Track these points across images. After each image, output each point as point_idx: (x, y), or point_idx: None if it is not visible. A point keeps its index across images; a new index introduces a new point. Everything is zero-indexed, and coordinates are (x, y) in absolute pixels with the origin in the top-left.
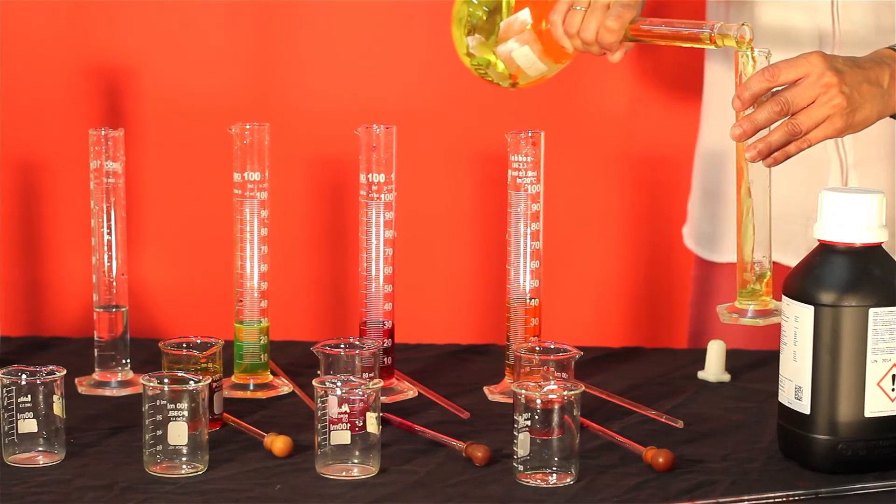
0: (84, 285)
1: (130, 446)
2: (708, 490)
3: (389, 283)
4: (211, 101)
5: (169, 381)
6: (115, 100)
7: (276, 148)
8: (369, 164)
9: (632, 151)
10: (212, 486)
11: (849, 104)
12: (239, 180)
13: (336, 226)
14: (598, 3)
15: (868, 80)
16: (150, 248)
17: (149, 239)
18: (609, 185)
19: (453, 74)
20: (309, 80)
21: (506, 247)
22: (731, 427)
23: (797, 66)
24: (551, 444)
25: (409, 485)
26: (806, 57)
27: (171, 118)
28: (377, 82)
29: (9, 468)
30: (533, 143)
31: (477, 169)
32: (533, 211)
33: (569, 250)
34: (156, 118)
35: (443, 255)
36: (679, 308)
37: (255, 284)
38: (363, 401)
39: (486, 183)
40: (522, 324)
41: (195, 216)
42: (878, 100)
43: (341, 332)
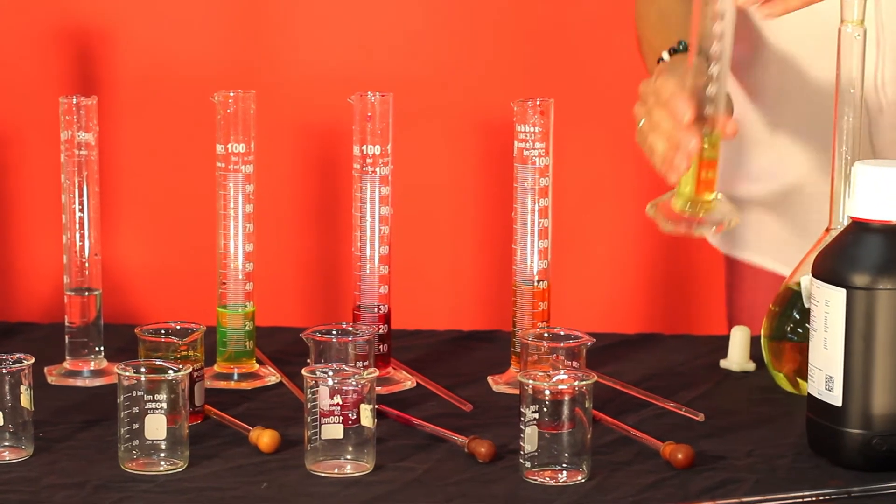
0: (54, 266)
1: (104, 441)
2: (731, 489)
3: (385, 264)
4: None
5: (146, 370)
6: (87, 65)
7: (263, 117)
8: (363, 135)
9: None
10: (193, 485)
11: None
12: (222, 152)
13: (327, 202)
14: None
15: None
16: (126, 226)
17: (124, 216)
18: (624, 157)
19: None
20: (298, 43)
21: (512, 225)
22: (756, 421)
23: None
24: (561, 438)
25: (406, 483)
26: None
27: (148, 85)
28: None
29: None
30: (541, 111)
31: (480, 140)
32: (541, 186)
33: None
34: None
35: (443, 233)
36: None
37: (239, 265)
38: (357, 392)
39: (490, 155)
40: (530, 308)
41: (175, 191)
42: None
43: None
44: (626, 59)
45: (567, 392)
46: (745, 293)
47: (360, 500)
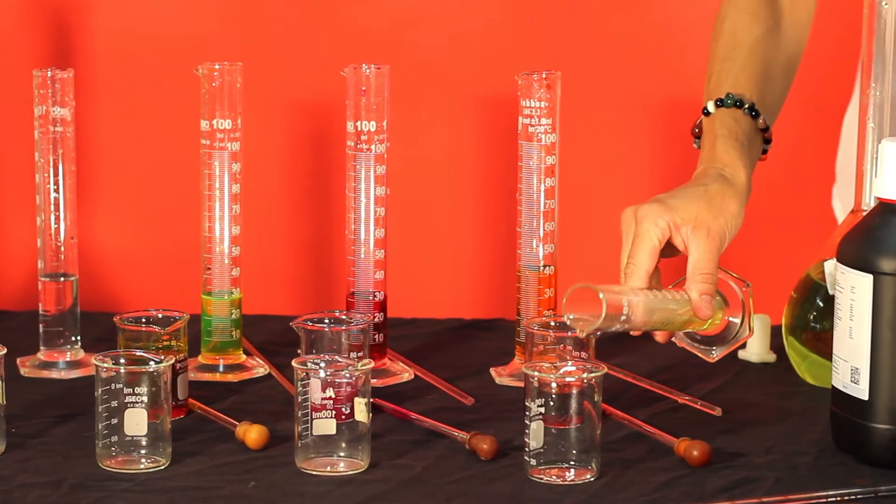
0: (27, 251)
1: (81, 437)
2: (750, 488)
3: (381, 248)
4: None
5: (126, 361)
6: (62, 35)
7: (250, 91)
8: (358, 110)
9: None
10: (175, 483)
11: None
12: (207, 129)
13: (320, 182)
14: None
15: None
16: (104, 207)
17: (102, 197)
18: (637, 134)
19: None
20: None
21: (516, 206)
22: (776, 415)
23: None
24: (569, 434)
25: (403, 481)
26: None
27: (128, 56)
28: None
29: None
30: (548, 85)
31: (482, 116)
32: (547, 165)
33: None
34: (110, 56)
35: (443, 215)
36: None
37: (225, 250)
38: (351, 384)
39: (493, 132)
40: (535, 295)
41: (156, 170)
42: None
43: (325, 305)
44: (639, 28)
45: (575, 385)
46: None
47: (353, 500)
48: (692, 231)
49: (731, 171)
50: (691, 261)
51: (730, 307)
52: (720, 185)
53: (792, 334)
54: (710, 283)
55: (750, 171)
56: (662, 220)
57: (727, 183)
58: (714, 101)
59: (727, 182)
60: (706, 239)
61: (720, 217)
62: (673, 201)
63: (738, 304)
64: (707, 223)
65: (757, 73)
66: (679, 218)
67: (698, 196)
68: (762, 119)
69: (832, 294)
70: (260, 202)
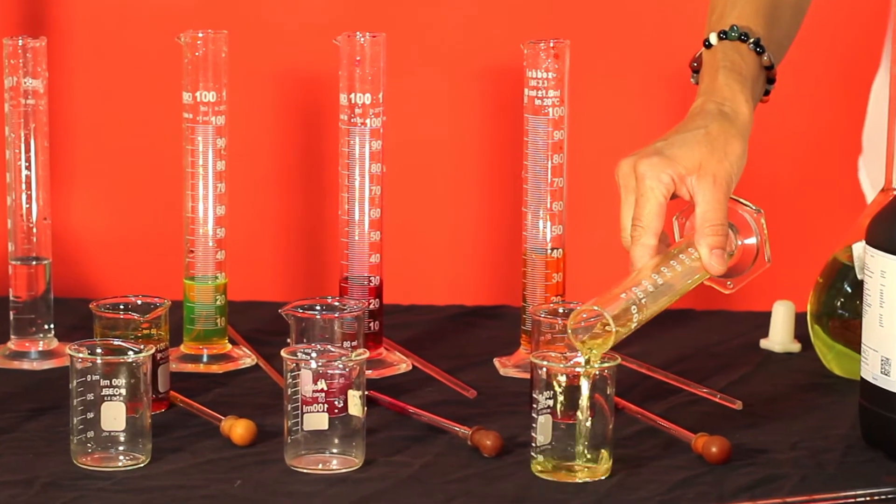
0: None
1: (55, 432)
2: (773, 487)
3: (376, 229)
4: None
5: (102, 351)
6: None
7: (236, 61)
8: (352, 82)
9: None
10: (155, 483)
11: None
12: (190, 102)
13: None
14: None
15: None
16: (80, 186)
17: (78, 175)
18: (651, 107)
19: None
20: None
21: (522, 185)
22: (801, 409)
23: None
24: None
25: (400, 480)
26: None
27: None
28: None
29: None
30: (556, 55)
31: (486, 88)
32: (555, 140)
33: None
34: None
35: (443, 195)
36: None
37: (209, 231)
38: (344, 376)
39: (497, 105)
40: (542, 280)
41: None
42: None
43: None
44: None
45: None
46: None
47: (347, 500)
48: (697, 180)
49: (731, 106)
50: (699, 212)
51: (743, 236)
52: (721, 125)
53: (818, 322)
54: (720, 234)
55: (752, 106)
56: (666, 175)
57: (728, 120)
58: (717, 33)
59: (728, 119)
60: (713, 187)
61: (725, 161)
62: (673, 151)
63: (750, 232)
64: (712, 169)
65: (764, 8)
66: (682, 168)
67: (699, 140)
68: (767, 56)
69: (861, 279)
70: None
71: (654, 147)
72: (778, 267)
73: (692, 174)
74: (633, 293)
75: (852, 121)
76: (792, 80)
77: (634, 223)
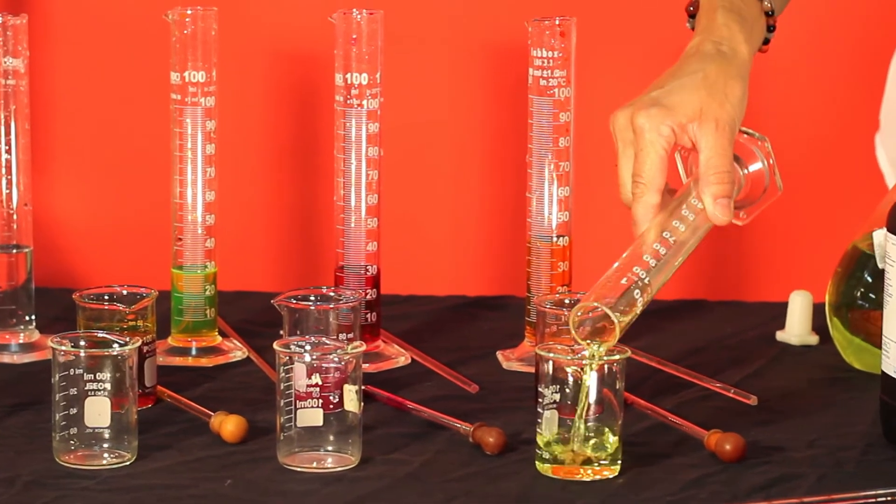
0: None
1: (36, 429)
2: (789, 486)
3: (374, 216)
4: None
5: (86, 343)
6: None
7: (227, 40)
8: (348, 61)
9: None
10: (142, 482)
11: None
12: (178, 82)
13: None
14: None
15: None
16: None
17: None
18: None
19: None
20: None
21: (526, 169)
22: (819, 405)
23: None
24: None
25: (399, 479)
26: (705, 137)
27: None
28: None
29: None
30: (562, 33)
31: (488, 67)
32: (561, 122)
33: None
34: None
35: (444, 180)
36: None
37: (198, 218)
38: (340, 370)
39: (500, 86)
40: (548, 269)
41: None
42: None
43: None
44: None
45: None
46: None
47: (343, 500)
48: (699, 127)
49: (729, 45)
50: (702, 159)
51: (749, 162)
52: (719, 66)
53: (836, 314)
54: (725, 182)
55: (752, 50)
56: (666, 127)
57: (726, 60)
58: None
59: (726, 59)
60: (716, 132)
61: (726, 104)
62: (671, 99)
63: (756, 159)
64: (713, 114)
65: None
66: (682, 116)
67: (697, 85)
68: (767, 1)
69: (882, 268)
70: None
71: (651, 97)
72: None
73: (693, 121)
74: (634, 275)
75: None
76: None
77: (635, 179)
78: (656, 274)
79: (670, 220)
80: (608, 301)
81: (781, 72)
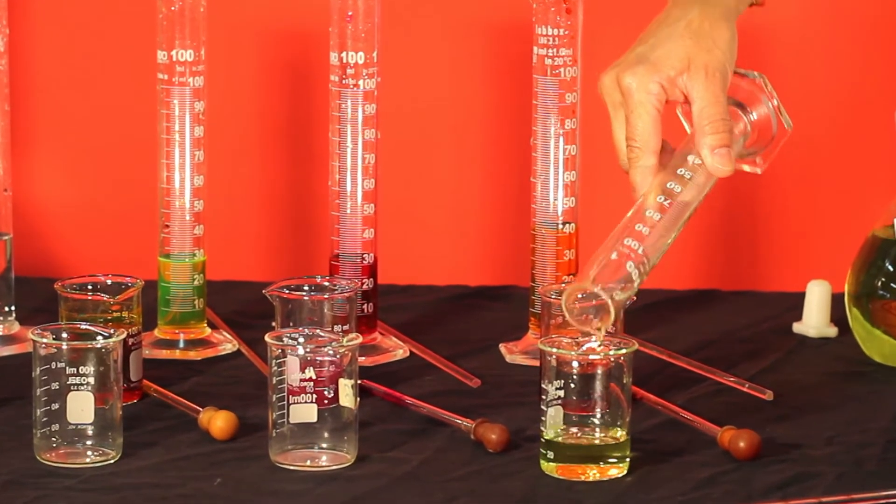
0: None
1: (16, 425)
2: (807, 486)
3: (371, 202)
4: None
5: (68, 336)
6: None
7: (216, 17)
8: (343, 39)
9: None
10: (127, 480)
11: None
12: (165, 61)
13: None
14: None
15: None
16: (43, 154)
17: (41, 142)
18: None
19: None
20: None
21: (530, 153)
22: (838, 400)
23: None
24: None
25: (397, 478)
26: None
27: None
28: None
29: None
30: (567, 9)
31: (491, 46)
32: (567, 104)
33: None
34: None
35: (444, 164)
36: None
37: (186, 204)
38: (335, 363)
39: (503, 65)
40: (553, 258)
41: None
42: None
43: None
44: None
45: (600, 363)
46: None
47: (338, 500)
48: (689, 77)
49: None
50: (695, 110)
51: (753, 109)
52: (702, 9)
53: (856, 305)
54: (723, 130)
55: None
56: (654, 85)
57: (710, 4)
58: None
59: (709, 3)
60: (706, 80)
61: (715, 49)
62: (657, 53)
63: (758, 101)
64: (702, 62)
65: None
66: (671, 69)
67: (681, 34)
68: None
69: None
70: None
71: (636, 53)
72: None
73: (682, 73)
74: (628, 250)
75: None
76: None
77: (629, 143)
78: (654, 241)
79: (667, 181)
80: (600, 285)
81: (797, 54)
